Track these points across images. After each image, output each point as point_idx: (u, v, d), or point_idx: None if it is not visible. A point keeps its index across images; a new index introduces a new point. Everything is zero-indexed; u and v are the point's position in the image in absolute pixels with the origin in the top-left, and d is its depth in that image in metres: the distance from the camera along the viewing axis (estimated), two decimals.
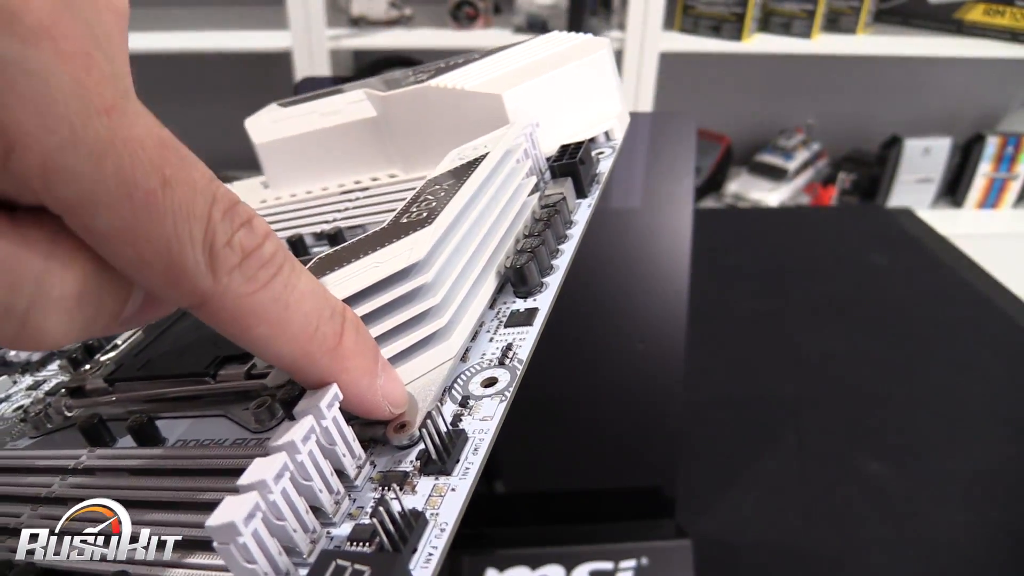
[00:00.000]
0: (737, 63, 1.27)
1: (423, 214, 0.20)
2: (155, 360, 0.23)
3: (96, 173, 0.11)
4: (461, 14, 1.13)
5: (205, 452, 0.19)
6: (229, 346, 0.22)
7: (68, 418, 0.24)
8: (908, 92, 1.44)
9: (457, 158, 0.24)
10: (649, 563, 0.34)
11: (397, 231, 0.19)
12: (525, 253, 0.22)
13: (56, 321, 0.12)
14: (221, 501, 0.14)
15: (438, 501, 0.16)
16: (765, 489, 0.40)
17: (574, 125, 0.28)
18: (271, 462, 0.14)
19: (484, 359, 0.20)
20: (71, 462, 0.20)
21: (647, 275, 0.46)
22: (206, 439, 0.20)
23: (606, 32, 1.16)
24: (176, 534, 0.17)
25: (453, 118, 0.28)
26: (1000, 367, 0.50)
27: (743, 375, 0.48)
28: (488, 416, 0.18)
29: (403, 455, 0.17)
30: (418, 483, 0.16)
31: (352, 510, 0.16)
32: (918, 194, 1.35)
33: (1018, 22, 1.17)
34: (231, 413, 0.21)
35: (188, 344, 0.24)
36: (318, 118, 0.33)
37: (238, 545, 0.13)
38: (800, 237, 0.69)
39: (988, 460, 0.42)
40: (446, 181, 0.22)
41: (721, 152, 1.38)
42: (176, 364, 0.23)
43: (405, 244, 0.19)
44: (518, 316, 0.21)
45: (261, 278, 0.13)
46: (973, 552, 0.36)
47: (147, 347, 0.24)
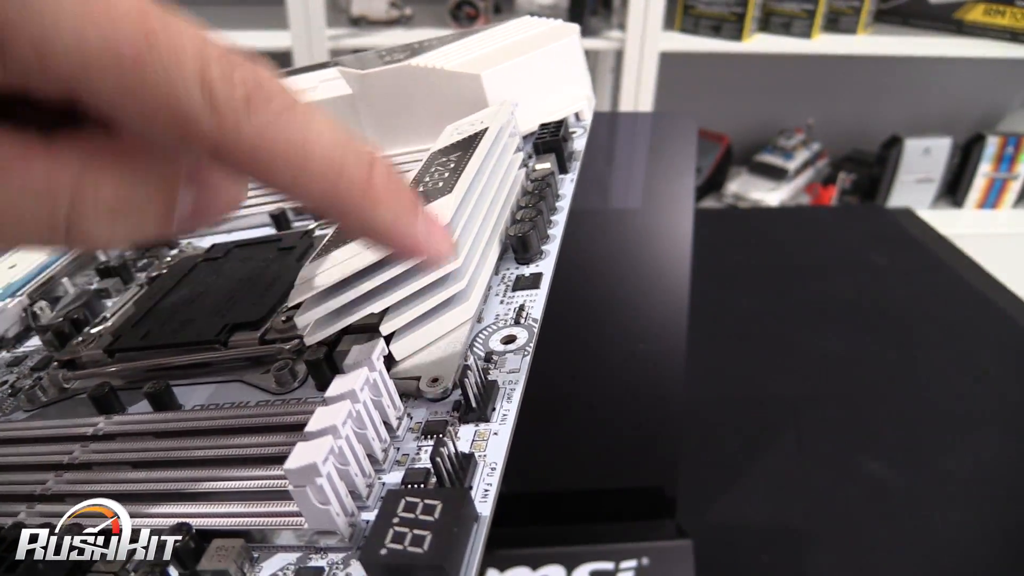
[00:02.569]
0: (737, 63, 1.27)
1: (438, 184, 0.21)
2: (157, 331, 0.23)
3: (81, 45, 0.12)
4: (461, 14, 1.13)
5: (233, 412, 0.20)
6: (237, 313, 0.23)
7: (65, 390, 0.24)
8: (908, 92, 1.44)
9: (455, 132, 0.25)
10: (649, 563, 0.34)
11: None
12: (526, 222, 0.23)
13: (98, 225, 0.13)
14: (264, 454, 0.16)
15: (483, 445, 0.17)
16: (765, 489, 0.40)
17: (546, 105, 0.30)
18: (336, 410, 0.15)
19: (499, 319, 0.21)
20: (89, 429, 0.20)
21: (647, 275, 0.46)
22: (225, 403, 0.21)
23: (606, 32, 1.16)
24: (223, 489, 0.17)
25: (432, 97, 0.29)
26: (1000, 367, 0.50)
27: (743, 375, 0.48)
28: (515, 369, 0.19)
29: (438, 407, 0.18)
30: (459, 431, 0.17)
31: (399, 458, 0.17)
32: (918, 194, 1.35)
33: (1018, 22, 1.17)
34: (247, 378, 0.22)
35: (189, 315, 0.24)
36: None
37: (315, 487, 0.14)
38: (800, 237, 0.69)
39: (988, 460, 0.42)
40: (452, 153, 0.23)
41: (721, 152, 1.38)
42: (183, 333, 0.23)
43: (430, 211, 0.19)
44: (525, 280, 0.23)
45: (269, 114, 0.13)
46: (973, 552, 0.36)
47: (142, 319, 0.24)
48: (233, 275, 0.26)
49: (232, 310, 0.23)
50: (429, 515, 0.14)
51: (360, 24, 1.13)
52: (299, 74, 0.34)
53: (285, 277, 0.24)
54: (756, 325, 0.54)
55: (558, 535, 0.35)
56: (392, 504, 0.14)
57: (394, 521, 0.14)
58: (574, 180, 0.27)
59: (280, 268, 0.25)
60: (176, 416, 0.20)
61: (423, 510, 0.14)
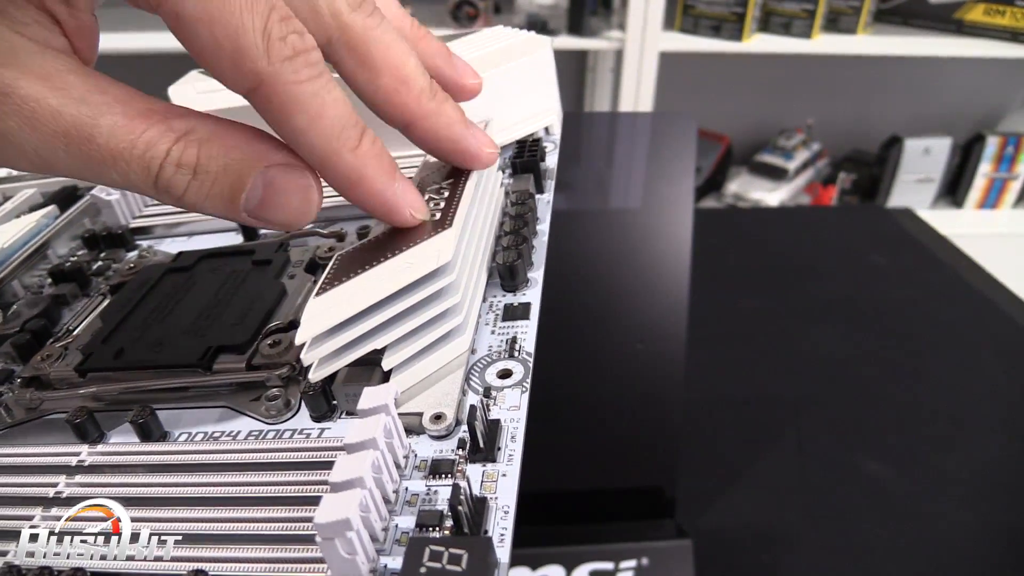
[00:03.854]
0: (737, 63, 1.27)
1: (435, 215, 0.21)
2: (131, 349, 0.22)
3: None
4: (461, 14, 1.13)
5: (233, 446, 0.19)
6: (218, 334, 0.22)
7: (32, 411, 0.22)
8: (908, 92, 1.44)
9: None
10: (649, 563, 0.34)
11: (415, 233, 0.20)
12: (512, 250, 0.23)
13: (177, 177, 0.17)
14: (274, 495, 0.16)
15: (492, 487, 0.17)
16: (765, 489, 0.40)
17: (516, 119, 0.30)
18: (360, 459, 0.15)
19: (492, 351, 0.21)
20: (72, 459, 0.20)
21: (647, 275, 0.46)
22: (215, 432, 0.20)
23: (606, 32, 1.16)
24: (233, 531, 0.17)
25: None
26: (1000, 367, 0.50)
27: (743, 375, 0.48)
28: (515, 406, 0.19)
29: (441, 444, 0.18)
30: (467, 470, 0.17)
31: (409, 498, 0.17)
32: (918, 194, 1.35)
33: (1018, 22, 1.17)
34: (237, 405, 0.21)
35: (165, 333, 0.23)
36: None
37: (344, 540, 0.14)
38: (800, 237, 0.69)
39: (988, 460, 0.42)
40: (440, 179, 0.23)
41: (721, 152, 1.38)
42: (161, 354, 0.22)
43: (433, 245, 0.20)
44: (515, 310, 0.22)
45: (306, 74, 0.17)
46: (973, 552, 0.36)
47: (112, 335, 0.23)
48: (206, 289, 0.25)
49: (211, 329, 0.22)
50: (456, 565, 0.14)
51: None
52: None
53: (265, 295, 0.24)
54: (756, 325, 0.54)
55: (558, 535, 0.35)
56: (417, 553, 0.14)
57: (421, 572, 0.14)
58: (550, 202, 0.28)
59: (259, 285, 0.24)
60: (168, 448, 0.20)
61: (449, 560, 0.14)
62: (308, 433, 0.20)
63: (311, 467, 0.18)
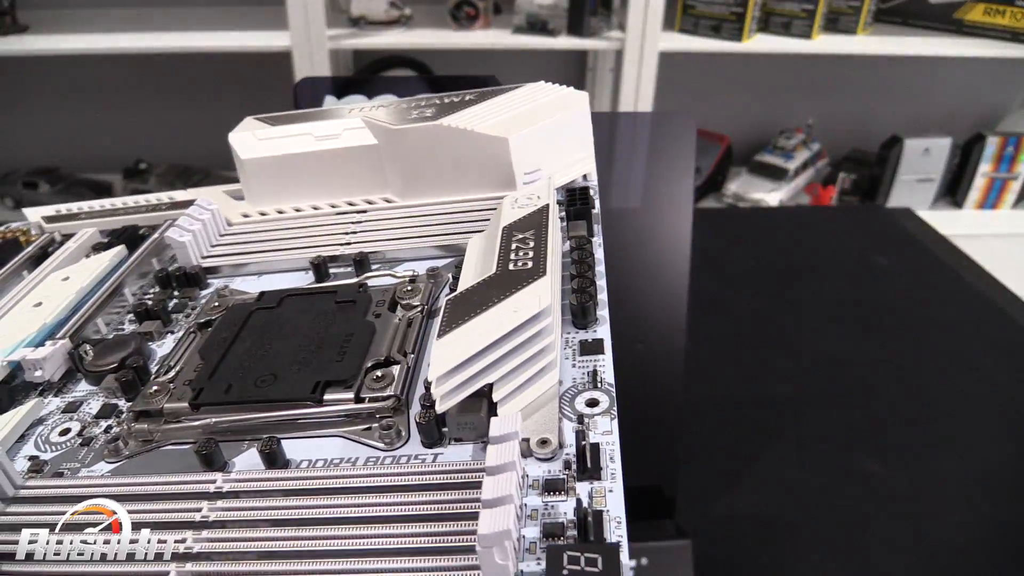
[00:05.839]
0: (737, 63, 1.27)
1: (527, 264, 0.24)
2: (240, 384, 0.24)
3: None
4: (461, 14, 1.13)
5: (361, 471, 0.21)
6: (323, 370, 0.24)
7: (147, 442, 0.24)
8: (908, 92, 1.44)
9: (515, 206, 0.28)
10: (649, 563, 0.34)
11: (514, 279, 0.23)
12: (584, 292, 0.26)
13: None
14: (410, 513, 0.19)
15: (602, 501, 0.20)
16: (765, 489, 0.40)
17: (561, 166, 0.34)
18: (507, 480, 0.18)
19: (576, 382, 0.24)
20: (209, 486, 0.21)
21: (647, 275, 0.46)
22: (332, 459, 0.22)
23: (606, 32, 1.16)
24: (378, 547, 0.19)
25: (459, 155, 0.33)
26: (1000, 367, 0.50)
27: (743, 375, 0.48)
28: (608, 431, 0.22)
29: (549, 465, 0.21)
30: (577, 488, 0.20)
31: (530, 512, 0.20)
32: (918, 194, 1.35)
33: (1018, 22, 1.17)
34: (351, 433, 0.23)
35: (269, 370, 0.25)
36: (314, 140, 0.34)
37: (501, 549, 0.17)
38: (800, 237, 0.69)
39: (988, 460, 0.42)
40: (525, 230, 0.26)
41: (721, 152, 1.38)
42: (274, 389, 0.24)
43: (532, 292, 0.23)
44: (590, 345, 0.25)
45: None
46: (973, 552, 0.36)
47: (216, 371, 0.25)
48: (298, 328, 0.27)
49: (313, 365, 0.25)
50: (593, 567, 0.17)
51: (360, 24, 1.13)
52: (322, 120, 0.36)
53: (358, 333, 0.26)
54: (756, 325, 0.54)
55: None
56: (557, 558, 0.17)
57: (564, 573, 0.17)
58: (601, 244, 0.31)
59: (349, 323, 0.27)
60: (299, 475, 0.21)
61: (586, 563, 0.17)
62: (423, 458, 0.22)
63: (442, 488, 0.20)
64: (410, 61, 1.24)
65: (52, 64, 1.17)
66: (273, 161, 0.34)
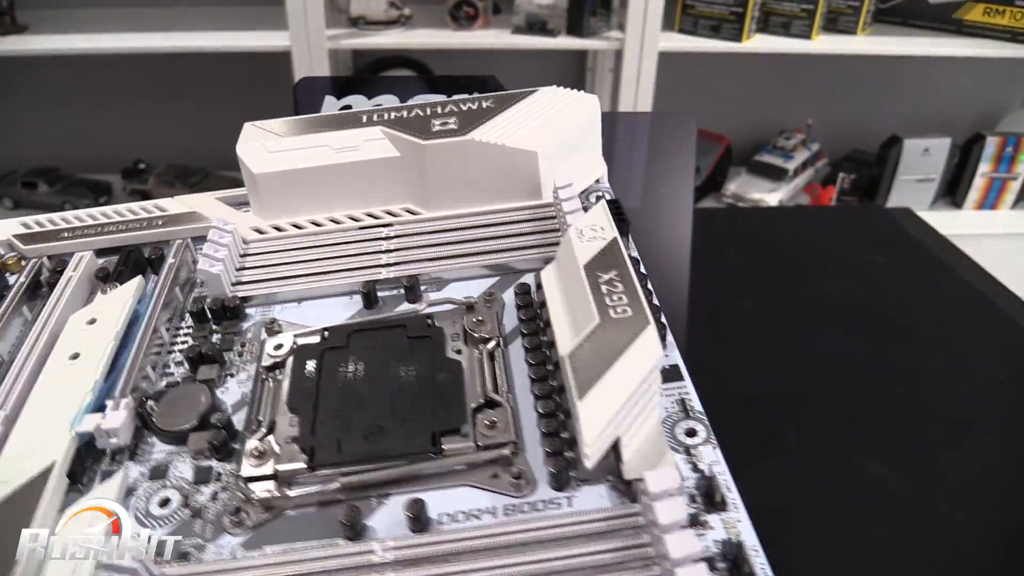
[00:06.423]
0: (737, 63, 1.27)
1: (627, 311, 0.24)
2: (350, 440, 0.23)
3: None
4: (460, 14, 1.13)
5: (517, 526, 0.21)
6: (430, 418, 0.24)
7: (269, 509, 0.23)
8: (908, 92, 1.44)
9: (583, 239, 0.28)
10: None
11: (622, 329, 0.23)
12: (657, 321, 0.26)
13: None
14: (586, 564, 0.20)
15: (736, 532, 0.21)
16: (765, 489, 0.40)
17: (578, 173, 0.34)
18: (692, 539, 0.19)
19: (668, 412, 0.25)
20: (371, 557, 0.20)
21: (647, 275, 0.46)
22: (471, 510, 0.22)
23: (606, 32, 1.16)
24: None
25: (487, 167, 0.33)
26: (1000, 367, 0.50)
27: (743, 375, 0.48)
28: (716, 460, 0.23)
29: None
30: (709, 520, 0.21)
31: None
32: (918, 194, 1.35)
33: (1018, 22, 1.17)
34: (481, 483, 0.23)
35: (372, 420, 0.24)
36: (333, 153, 0.33)
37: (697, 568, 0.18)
38: (800, 237, 0.69)
39: (988, 460, 0.42)
40: (607, 271, 0.26)
41: (721, 152, 1.38)
42: (392, 445, 0.23)
43: (646, 342, 0.23)
44: (668, 372, 0.26)
45: None
46: (973, 552, 0.36)
47: (317, 426, 0.24)
48: (379, 368, 0.26)
49: (417, 413, 0.24)
50: None
51: (359, 24, 1.13)
52: (333, 129, 0.34)
53: (449, 373, 0.26)
54: (756, 325, 0.54)
55: None
56: None
57: None
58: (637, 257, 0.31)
59: (433, 362, 0.26)
60: (457, 536, 0.21)
61: None
62: (558, 502, 0.22)
63: (604, 536, 0.21)
64: (410, 61, 1.24)
65: (51, 64, 1.17)
66: (289, 175, 0.33)
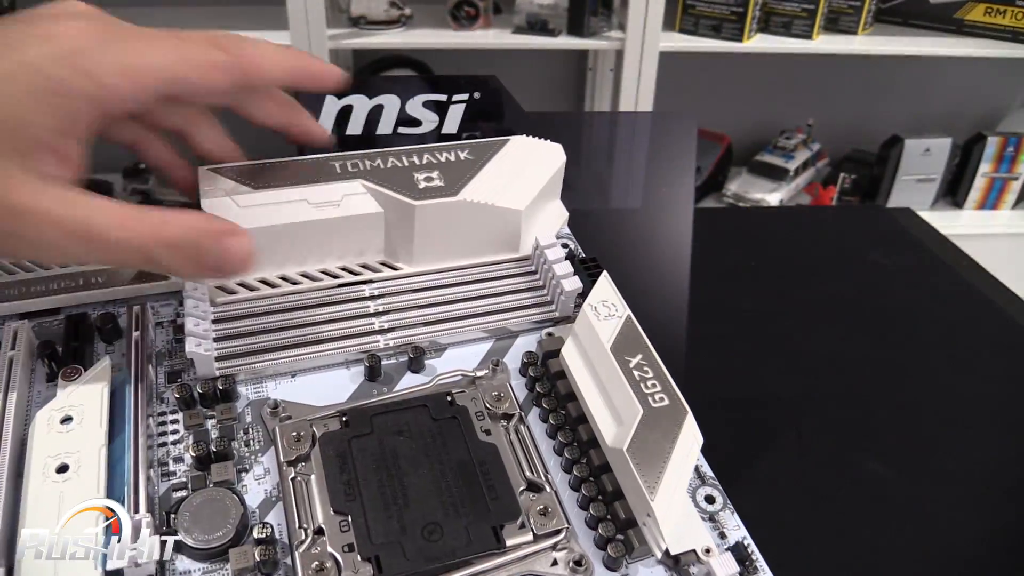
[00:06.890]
0: (737, 63, 1.27)
1: (664, 399, 0.26)
2: (409, 543, 0.23)
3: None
4: (461, 14, 1.13)
5: None
6: (484, 512, 0.24)
7: None
8: (908, 92, 1.44)
9: (598, 317, 0.29)
10: None
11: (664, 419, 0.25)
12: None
13: None
14: None
15: None
16: (764, 489, 0.40)
17: (548, 223, 0.36)
18: None
19: None
20: None
21: (647, 275, 0.46)
22: None
23: (606, 32, 1.16)
24: None
25: (473, 225, 0.34)
26: (1000, 367, 0.50)
27: (743, 375, 0.48)
28: (737, 525, 0.26)
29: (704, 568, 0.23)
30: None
31: None
32: (918, 194, 1.35)
33: (1018, 22, 1.17)
34: (544, 570, 0.24)
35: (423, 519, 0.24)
36: (311, 208, 0.32)
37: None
38: (800, 237, 0.69)
39: (988, 460, 0.42)
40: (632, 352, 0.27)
41: (721, 152, 1.38)
42: (457, 546, 0.23)
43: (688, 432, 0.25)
44: None
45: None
46: (973, 552, 0.36)
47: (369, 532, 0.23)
48: (415, 457, 0.25)
49: (468, 505, 0.24)
50: None
51: (360, 24, 1.13)
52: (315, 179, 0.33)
53: (487, 458, 0.26)
54: (756, 325, 0.54)
55: None
56: None
57: None
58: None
59: (468, 446, 0.26)
60: None
61: None
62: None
63: None
64: (410, 61, 1.24)
65: None
66: (266, 233, 0.31)
